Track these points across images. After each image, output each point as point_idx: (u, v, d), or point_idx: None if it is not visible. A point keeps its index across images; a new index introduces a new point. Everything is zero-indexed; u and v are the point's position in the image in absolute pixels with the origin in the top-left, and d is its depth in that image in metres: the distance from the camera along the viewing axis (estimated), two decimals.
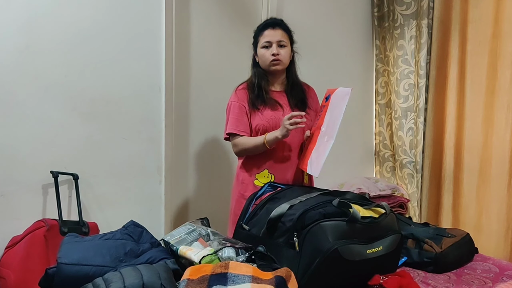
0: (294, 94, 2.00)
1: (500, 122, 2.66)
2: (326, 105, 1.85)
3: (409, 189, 3.11)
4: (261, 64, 1.98)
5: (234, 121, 1.93)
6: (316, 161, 1.76)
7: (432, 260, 1.66)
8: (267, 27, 1.96)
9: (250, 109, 1.94)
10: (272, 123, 1.92)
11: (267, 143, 1.85)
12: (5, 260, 1.88)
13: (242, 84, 2.03)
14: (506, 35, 2.62)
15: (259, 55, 1.97)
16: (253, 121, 1.94)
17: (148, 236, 1.52)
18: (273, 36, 1.93)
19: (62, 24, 2.04)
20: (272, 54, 1.92)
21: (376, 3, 3.23)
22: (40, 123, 2.02)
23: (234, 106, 1.95)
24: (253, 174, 1.96)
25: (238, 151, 1.97)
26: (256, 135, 1.94)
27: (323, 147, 1.75)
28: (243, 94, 1.97)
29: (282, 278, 1.11)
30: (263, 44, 1.94)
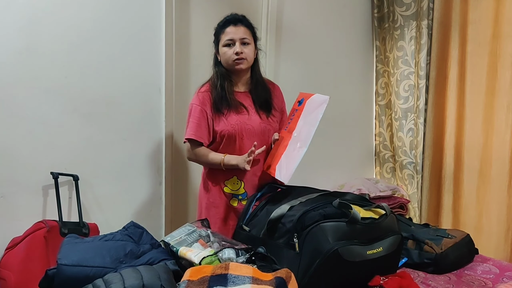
0: (258, 94, 1.92)
1: (500, 123, 2.66)
2: (299, 109, 1.79)
3: (409, 190, 3.11)
4: (223, 63, 1.88)
5: (194, 125, 1.85)
6: (286, 167, 1.71)
7: (432, 261, 1.66)
8: (229, 24, 1.86)
9: (214, 113, 1.85)
10: (237, 128, 1.84)
11: (224, 166, 1.80)
12: (5, 261, 1.88)
13: (204, 85, 1.93)
14: (506, 36, 2.62)
15: (221, 54, 1.87)
16: (217, 126, 1.85)
17: (148, 237, 1.52)
18: (236, 34, 1.84)
19: (63, 25, 2.04)
20: (236, 53, 1.82)
21: (376, 4, 3.23)
22: (40, 124, 2.02)
23: (195, 109, 1.86)
24: (222, 181, 1.88)
25: (191, 160, 1.93)
26: (220, 141, 1.86)
27: (295, 153, 1.70)
28: (205, 97, 1.87)
29: (282, 279, 1.11)
30: (225, 42, 1.85)
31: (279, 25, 2.76)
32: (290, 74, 2.37)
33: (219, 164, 1.81)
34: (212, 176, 1.91)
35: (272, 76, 2.52)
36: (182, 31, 2.40)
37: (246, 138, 1.85)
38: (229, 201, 1.88)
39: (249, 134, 1.86)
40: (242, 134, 1.84)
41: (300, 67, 2.81)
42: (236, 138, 1.85)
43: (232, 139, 1.85)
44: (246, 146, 1.84)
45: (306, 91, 2.06)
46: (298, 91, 2.14)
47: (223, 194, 1.88)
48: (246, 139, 1.85)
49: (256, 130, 1.87)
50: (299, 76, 2.35)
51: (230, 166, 1.79)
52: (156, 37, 2.31)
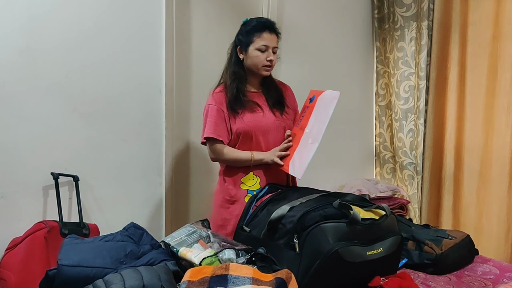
0: (271, 94, 1.98)
1: (500, 124, 2.66)
2: (310, 106, 1.83)
3: (410, 190, 3.11)
4: (249, 65, 1.92)
5: (213, 125, 1.88)
6: (299, 162, 1.74)
7: (433, 261, 1.66)
8: (265, 29, 1.90)
9: (229, 113, 1.89)
10: (252, 125, 1.89)
11: (254, 162, 1.87)
12: (6, 261, 1.88)
13: (218, 86, 1.97)
14: (506, 37, 2.62)
15: (251, 56, 1.89)
16: (233, 126, 1.89)
17: (149, 237, 1.53)
18: (271, 41, 1.90)
19: (63, 24, 2.04)
20: (269, 60, 1.89)
21: (376, 5, 3.23)
22: (40, 124, 2.02)
23: (212, 109, 1.90)
24: (239, 178, 1.92)
25: (215, 159, 1.94)
26: (237, 139, 1.90)
27: (308, 149, 1.74)
28: (220, 97, 1.91)
29: (282, 279, 1.11)
30: (260, 47, 1.88)
31: (279, 26, 2.73)
32: (291, 75, 2.37)
33: (249, 161, 1.87)
34: (230, 173, 1.94)
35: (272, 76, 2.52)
36: (183, 31, 2.41)
37: (261, 135, 1.90)
38: (244, 198, 1.89)
39: (264, 131, 1.91)
40: (258, 132, 1.89)
41: (300, 67, 2.81)
42: (252, 136, 1.89)
43: (248, 137, 1.89)
44: (261, 143, 1.90)
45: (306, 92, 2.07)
46: (298, 91, 2.15)
47: (240, 191, 1.91)
48: (261, 136, 1.90)
49: (271, 127, 1.92)
50: (299, 76, 2.36)
51: (258, 161, 1.87)
52: (157, 37, 2.31)
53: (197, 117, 2.52)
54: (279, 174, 1.92)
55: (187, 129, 2.50)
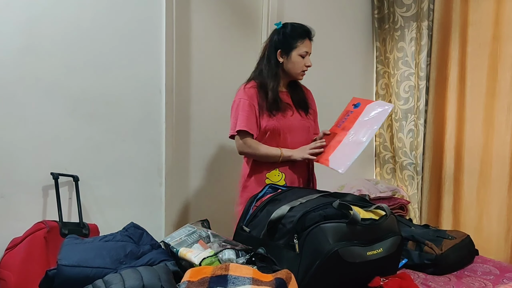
0: (296, 95, 2.08)
1: (501, 124, 2.66)
2: (355, 112, 1.95)
3: (410, 191, 3.11)
4: (289, 68, 2.00)
5: (245, 119, 1.94)
6: (342, 158, 1.86)
7: (433, 262, 1.66)
8: (307, 36, 2.01)
9: (260, 109, 1.97)
10: (282, 123, 1.98)
11: (282, 158, 1.95)
12: (5, 261, 1.88)
13: (249, 82, 2.02)
14: (506, 37, 2.62)
15: (293, 61, 1.99)
16: (262, 122, 1.97)
17: (148, 238, 1.52)
18: (310, 48, 2.02)
19: (62, 25, 2.04)
20: (307, 66, 2.01)
21: (376, 5, 3.23)
22: (40, 124, 2.02)
23: (244, 103, 1.95)
24: (264, 174, 2.00)
25: (245, 152, 2.00)
26: (263, 135, 1.98)
27: (353, 149, 1.85)
28: (252, 93, 1.98)
29: (282, 280, 1.11)
30: (302, 53, 1.98)
31: None
32: None
33: (278, 157, 1.95)
34: (256, 169, 2.02)
35: None
36: (183, 31, 2.41)
37: (288, 133, 2.00)
38: None
39: (291, 130, 2.01)
40: (286, 130, 1.99)
41: None
42: (281, 133, 1.98)
43: (276, 134, 1.98)
44: (288, 140, 2.00)
45: None
46: None
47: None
48: (288, 134, 2.00)
49: (298, 126, 2.02)
50: None
51: (287, 157, 1.95)
52: (157, 37, 2.31)
53: (197, 117, 2.53)
54: (302, 171, 2.04)
55: (187, 129, 2.50)
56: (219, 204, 2.62)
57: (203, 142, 2.56)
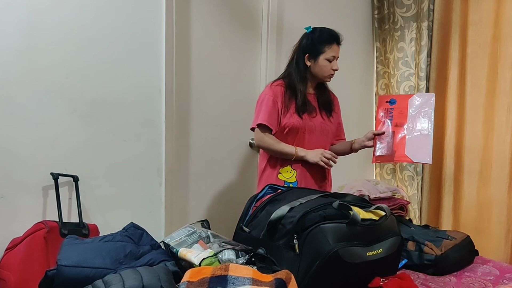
0: (322, 97, 2.14)
1: (501, 124, 2.66)
2: (397, 108, 2.03)
3: (410, 191, 3.11)
4: (317, 72, 2.07)
5: (267, 114, 2.03)
6: (418, 150, 1.95)
7: (432, 262, 1.66)
8: (334, 41, 2.07)
9: (285, 107, 2.04)
10: (303, 123, 2.05)
11: (296, 157, 2.03)
12: (5, 262, 1.88)
13: (277, 81, 2.12)
14: (506, 38, 2.63)
15: (320, 64, 2.06)
16: (283, 119, 2.05)
17: (148, 238, 1.52)
18: (337, 52, 2.08)
19: (63, 25, 2.04)
20: (334, 69, 2.07)
21: (376, 5, 3.23)
22: (40, 125, 2.02)
23: (268, 99, 2.05)
24: (278, 169, 2.08)
25: (261, 145, 2.08)
26: (282, 132, 2.06)
27: (422, 140, 1.95)
28: (278, 91, 2.06)
29: (282, 280, 1.11)
30: (329, 57, 2.05)
31: (280, 26, 2.77)
32: None
33: (291, 155, 2.02)
34: (271, 164, 2.11)
35: (272, 76, 2.52)
36: (183, 32, 2.41)
37: (307, 133, 2.07)
38: None
39: (310, 131, 2.08)
40: (304, 129, 2.06)
41: None
42: (299, 132, 2.06)
43: (294, 132, 2.06)
44: (305, 140, 2.07)
45: None
46: None
47: (278, 181, 2.05)
48: (306, 134, 2.07)
49: (317, 128, 2.10)
50: None
51: (300, 158, 2.03)
52: (157, 38, 2.31)
53: (197, 117, 2.53)
54: (315, 170, 2.09)
55: (187, 129, 2.50)
56: (219, 204, 2.62)
57: (203, 142, 2.56)
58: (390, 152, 2.01)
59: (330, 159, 2.02)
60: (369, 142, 2.07)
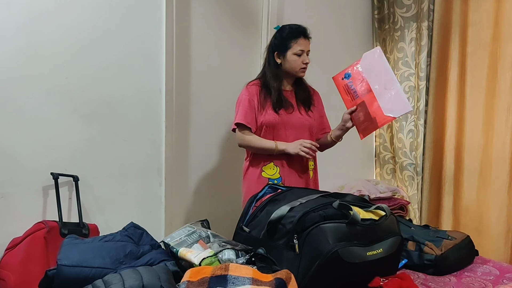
0: (300, 93, 2.16)
1: (500, 125, 2.66)
2: (354, 77, 2.00)
3: (410, 191, 3.11)
4: (287, 68, 2.10)
5: (243, 113, 2.06)
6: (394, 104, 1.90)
7: (432, 262, 1.66)
8: (301, 35, 2.08)
9: (260, 105, 2.07)
10: (279, 119, 2.06)
11: (277, 151, 2.04)
12: (5, 261, 1.88)
13: (253, 81, 2.15)
14: (506, 38, 2.63)
15: (289, 60, 2.08)
16: (260, 117, 2.07)
17: (148, 238, 1.52)
18: (306, 46, 2.09)
19: (63, 26, 2.04)
20: (305, 63, 2.08)
21: (376, 5, 3.23)
22: (40, 125, 2.02)
23: (244, 99, 2.08)
24: (261, 167, 2.09)
25: (242, 144, 2.10)
26: (260, 130, 2.08)
27: (393, 91, 1.91)
28: (254, 90, 2.10)
29: (282, 280, 1.11)
30: (297, 52, 2.06)
31: None
32: None
33: (272, 149, 2.04)
34: (254, 162, 2.13)
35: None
36: (183, 32, 2.41)
37: (283, 129, 2.09)
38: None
39: (286, 126, 2.09)
40: (280, 125, 2.08)
41: None
42: (275, 128, 2.08)
43: (271, 129, 2.08)
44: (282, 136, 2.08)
45: None
46: None
47: (261, 179, 2.08)
48: (283, 130, 2.09)
49: (295, 123, 2.10)
50: None
51: (281, 150, 2.04)
52: (157, 38, 2.31)
53: (197, 117, 2.53)
54: (298, 165, 2.11)
55: (187, 129, 2.50)
56: (219, 204, 2.62)
57: (203, 142, 2.56)
58: (371, 120, 1.96)
59: (310, 148, 2.01)
60: (350, 124, 2.03)
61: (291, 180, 2.08)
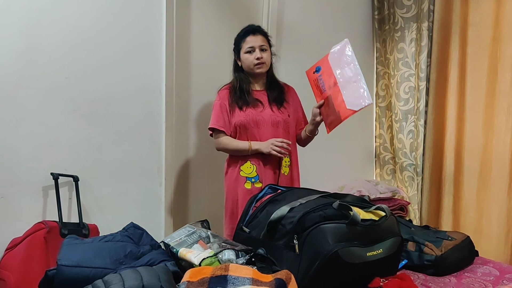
0: (272, 91, 2.16)
1: (500, 125, 2.66)
2: (324, 71, 1.96)
3: (410, 191, 3.10)
4: (245, 68, 2.14)
5: (215, 117, 2.12)
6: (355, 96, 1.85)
7: (432, 263, 1.66)
8: (248, 34, 2.12)
9: (231, 108, 2.11)
10: (249, 118, 2.09)
11: (251, 151, 2.07)
12: (5, 262, 1.88)
13: (225, 86, 2.19)
14: (506, 38, 2.63)
15: (243, 60, 2.13)
16: (232, 119, 2.11)
17: (148, 238, 1.52)
18: (255, 42, 2.10)
19: (63, 26, 2.04)
20: (257, 58, 2.08)
21: (376, 6, 3.23)
22: (40, 125, 2.02)
23: (216, 104, 2.14)
24: (238, 167, 2.11)
25: (219, 147, 2.15)
26: (235, 132, 2.11)
27: (356, 84, 1.86)
28: (224, 94, 2.15)
29: (282, 280, 1.11)
30: (246, 50, 2.10)
31: (280, 27, 2.77)
32: (290, 75, 2.38)
33: (247, 149, 2.07)
34: (232, 163, 2.15)
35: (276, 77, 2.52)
36: (183, 33, 2.41)
37: (255, 127, 2.10)
38: (244, 184, 2.10)
39: (258, 124, 2.10)
40: (253, 124, 2.09)
41: (300, 68, 2.80)
42: (248, 128, 2.09)
43: (243, 129, 2.10)
44: (255, 134, 2.10)
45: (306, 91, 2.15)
46: (298, 91, 2.19)
47: (240, 178, 2.11)
48: (255, 128, 2.10)
49: (267, 121, 2.11)
50: (299, 77, 2.36)
51: (255, 150, 2.06)
52: (157, 38, 2.31)
53: (197, 117, 2.53)
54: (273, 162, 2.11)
55: (187, 129, 2.50)
56: (219, 204, 2.61)
57: (203, 142, 2.56)
58: (335, 114, 1.92)
59: (281, 147, 2.02)
60: (319, 118, 2.00)
61: (267, 177, 2.09)
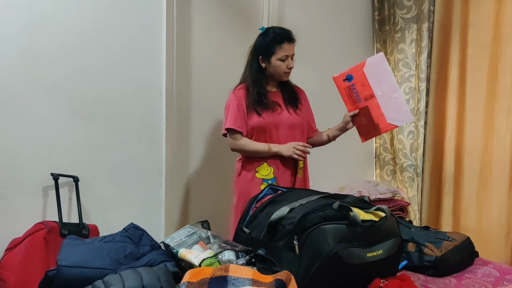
0: (287, 93, 2.15)
1: (501, 126, 2.67)
2: (356, 81, 2.00)
3: (410, 192, 3.10)
4: (272, 72, 2.09)
5: (233, 117, 2.06)
6: (397, 112, 1.96)
7: (433, 263, 1.66)
8: (285, 40, 2.06)
9: (248, 109, 2.06)
10: (268, 120, 2.06)
11: (270, 154, 2.05)
12: (5, 262, 1.88)
13: (240, 85, 2.14)
14: (507, 39, 2.63)
15: (274, 65, 2.07)
16: (250, 121, 2.07)
17: (148, 238, 1.52)
18: (290, 51, 2.07)
19: (64, 27, 2.04)
20: (289, 68, 2.08)
21: (377, 7, 3.23)
22: (40, 125, 2.02)
23: (233, 104, 2.07)
24: (254, 168, 2.09)
25: (235, 148, 2.10)
26: (252, 133, 2.07)
27: (395, 100, 1.96)
28: (241, 94, 2.09)
29: (282, 281, 1.11)
30: (281, 57, 2.05)
31: None
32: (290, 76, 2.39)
33: (266, 152, 2.05)
34: (247, 164, 2.12)
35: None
36: (183, 34, 2.41)
37: (274, 130, 2.08)
38: (260, 186, 2.05)
39: (277, 127, 2.09)
40: (272, 127, 2.08)
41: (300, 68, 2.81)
42: (266, 130, 2.07)
43: (262, 131, 2.07)
44: (274, 137, 2.08)
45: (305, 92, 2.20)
46: None
47: (255, 180, 2.08)
48: (274, 130, 2.08)
49: (285, 123, 2.10)
50: (299, 77, 2.37)
51: (274, 153, 2.05)
52: (157, 39, 2.31)
53: (197, 118, 2.53)
54: (290, 164, 2.11)
55: (187, 130, 2.50)
56: (219, 205, 2.61)
57: (203, 143, 2.56)
58: (373, 126, 1.99)
59: (303, 151, 2.04)
60: (349, 126, 2.06)
61: (285, 180, 2.10)
